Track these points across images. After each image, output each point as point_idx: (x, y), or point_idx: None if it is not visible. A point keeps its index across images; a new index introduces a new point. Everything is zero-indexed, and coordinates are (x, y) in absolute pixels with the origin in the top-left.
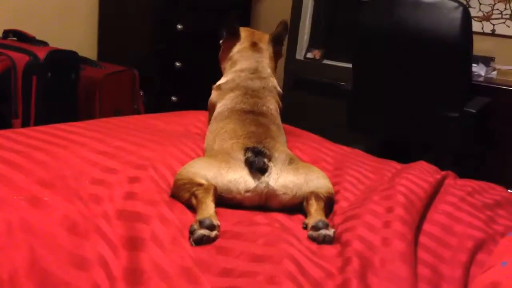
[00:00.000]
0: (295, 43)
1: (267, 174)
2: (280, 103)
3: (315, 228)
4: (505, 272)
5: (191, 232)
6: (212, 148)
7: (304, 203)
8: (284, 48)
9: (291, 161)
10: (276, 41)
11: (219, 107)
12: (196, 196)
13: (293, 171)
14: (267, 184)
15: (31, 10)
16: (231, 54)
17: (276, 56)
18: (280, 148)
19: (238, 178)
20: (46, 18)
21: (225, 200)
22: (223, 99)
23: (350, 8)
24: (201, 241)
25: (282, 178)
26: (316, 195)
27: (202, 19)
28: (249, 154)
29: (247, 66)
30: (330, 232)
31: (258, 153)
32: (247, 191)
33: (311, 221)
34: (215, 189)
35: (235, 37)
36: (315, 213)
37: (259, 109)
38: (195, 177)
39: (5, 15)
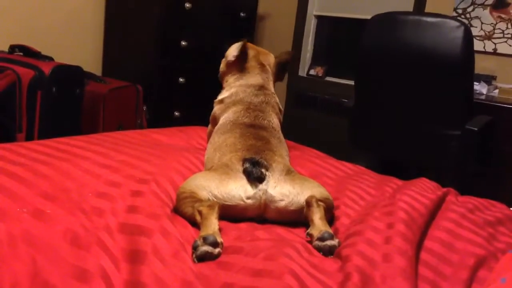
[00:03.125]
0: (298, 60)
1: (264, 182)
2: (281, 118)
3: (321, 239)
4: None
5: (194, 248)
6: (213, 162)
7: (305, 209)
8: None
9: (288, 172)
10: (281, 67)
11: (222, 120)
12: (200, 212)
13: (289, 181)
14: (265, 191)
15: (37, 25)
16: (237, 70)
17: (277, 79)
18: (278, 160)
19: (239, 187)
20: (51, 34)
21: (229, 210)
22: (226, 113)
23: (352, 26)
24: (203, 258)
25: (279, 187)
26: (316, 199)
27: (205, 36)
28: (247, 165)
29: (254, 82)
30: (335, 242)
31: (255, 163)
32: (248, 197)
33: (316, 233)
34: (220, 206)
35: (244, 56)
36: (319, 222)
37: (260, 123)
38: (198, 189)
39: (12, 30)
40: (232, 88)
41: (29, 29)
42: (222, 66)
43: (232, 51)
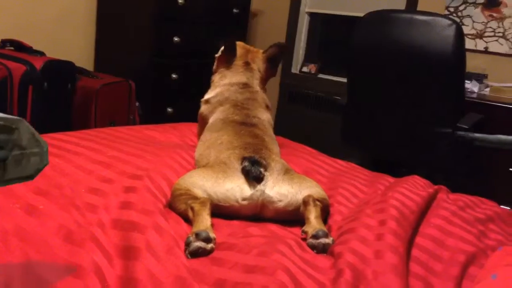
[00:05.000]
0: (291, 57)
1: (263, 183)
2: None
3: (315, 237)
4: (494, 284)
5: (187, 244)
6: (208, 159)
7: (302, 207)
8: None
9: (286, 171)
10: (270, 62)
11: (212, 119)
12: (192, 209)
13: (288, 180)
14: (263, 192)
15: (28, 20)
16: (223, 68)
17: (268, 75)
18: (276, 158)
19: (235, 187)
20: (43, 28)
21: (223, 210)
22: (214, 113)
23: (345, 23)
24: (196, 253)
25: (277, 187)
26: (313, 199)
27: (198, 32)
28: (246, 163)
29: (237, 80)
30: (329, 240)
31: (254, 162)
32: (244, 199)
33: (310, 230)
34: (211, 203)
35: (232, 54)
36: (315, 221)
37: (251, 121)
38: (193, 187)
39: (3, 25)
40: (217, 87)
41: (21, 24)
42: (215, 64)
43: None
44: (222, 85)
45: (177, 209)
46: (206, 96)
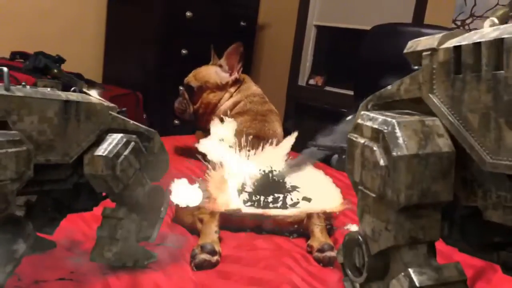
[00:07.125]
0: (298, 70)
1: None
2: None
3: (321, 250)
4: None
5: (193, 256)
6: None
7: (306, 220)
8: (287, 74)
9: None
10: None
11: None
12: (201, 220)
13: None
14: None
15: (38, 32)
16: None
17: None
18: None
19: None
20: (52, 41)
21: (227, 218)
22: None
23: (352, 36)
24: (202, 266)
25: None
26: (317, 213)
27: (206, 45)
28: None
29: (259, 92)
30: (335, 253)
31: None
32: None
33: (316, 244)
34: (220, 214)
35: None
36: (320, 234)
37: (265, 133)
38: None
39: (13, 37)
40: (236, 95)
41: (30, 36)
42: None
43: (233, 62)
44: (245, 96)
45: (183, 222)
46: (225, 107)
